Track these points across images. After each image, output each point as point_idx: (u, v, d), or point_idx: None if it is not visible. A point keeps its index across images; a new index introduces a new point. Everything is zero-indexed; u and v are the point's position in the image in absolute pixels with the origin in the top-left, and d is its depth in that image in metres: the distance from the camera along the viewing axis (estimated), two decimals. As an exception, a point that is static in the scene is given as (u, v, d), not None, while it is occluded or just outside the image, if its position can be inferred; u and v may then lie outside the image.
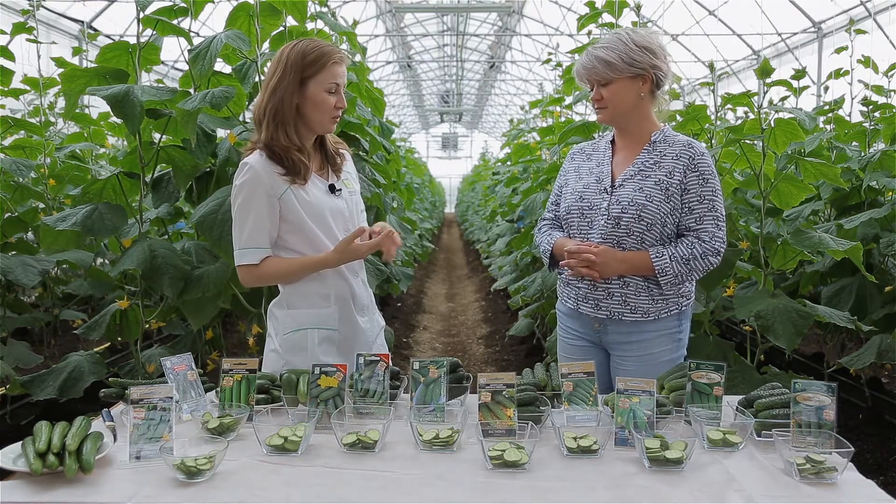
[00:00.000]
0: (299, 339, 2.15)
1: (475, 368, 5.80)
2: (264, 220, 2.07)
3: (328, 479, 1.48)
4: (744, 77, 12.61)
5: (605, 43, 2.18)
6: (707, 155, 2.19)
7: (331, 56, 2.05)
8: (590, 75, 2.19)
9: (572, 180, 2.34)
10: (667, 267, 2.13)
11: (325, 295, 2.16)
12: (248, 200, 2.07)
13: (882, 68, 4.64)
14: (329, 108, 2.09)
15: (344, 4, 13.57)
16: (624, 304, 2.20)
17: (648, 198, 2.15)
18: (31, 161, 3.81)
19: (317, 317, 2.16)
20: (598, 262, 2.13)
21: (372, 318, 2.31)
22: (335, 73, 2.07)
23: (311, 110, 2.08)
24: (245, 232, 2.08)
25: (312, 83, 2.05)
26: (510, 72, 24.35)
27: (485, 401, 1.70)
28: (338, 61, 2.07)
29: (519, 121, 8.35)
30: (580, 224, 2.25)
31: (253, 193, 2.06)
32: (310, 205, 2.10)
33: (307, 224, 2.10)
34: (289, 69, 2.04)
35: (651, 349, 2.22)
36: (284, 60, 2.05)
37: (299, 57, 2.04)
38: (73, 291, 4.06)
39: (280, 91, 2.04)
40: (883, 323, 3.47)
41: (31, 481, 1.45)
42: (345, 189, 2.23)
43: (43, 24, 6.25)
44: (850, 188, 3.87)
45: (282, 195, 2.07)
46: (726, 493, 1.42)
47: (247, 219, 2.07)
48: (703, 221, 2.16)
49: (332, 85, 2.07)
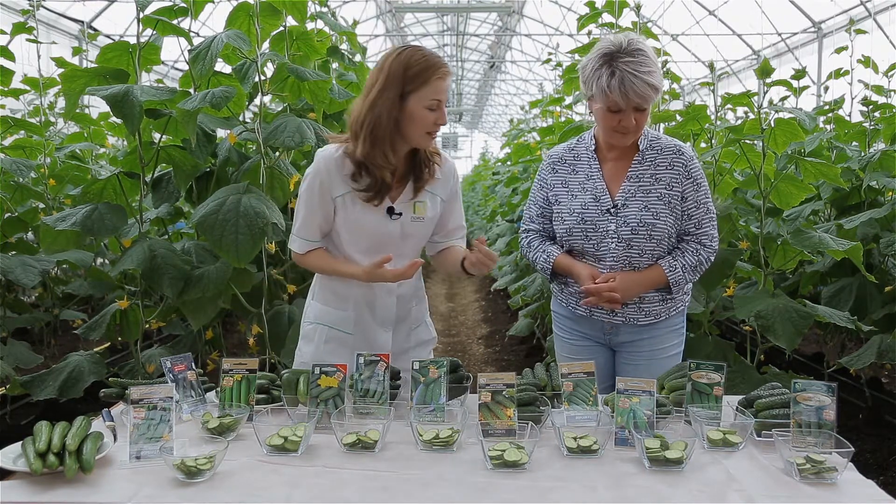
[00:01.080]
0: (310, 331, 2.18)
1: (475, 368, 5.80)
2: (316, 214, 2.05)
3: (328, 479, 1.48)
4: (744, 77, 12.60)
5: (647, 64, 2.03)
6: (694, 157, 2.22)
7: (435, 70, 1.91)
8: (645, 103, 2.06)
9: (564, 197, 2.26)
10: (680, 279, 2.19)
11: (344, 297, 2.14)
12: (306, 192, 2.05)
13: (882, 68, 4.65)
14: (428, 125, 1.95)
15: (344, 4, 13.57)
16: (639, 310, 2.23)
17: (656, 216, 2.15)
18: (31, 161, 3.81)
19: (330, 315, 2.15)
20: (619, 293, 2.14)
21: (404, 331, 2.20)
22: (438, 90, 1.93)
23: (407, 124, 1.94)
24: (298, 221, 2.08)
25: (413, 98, 1.91)
26: (510, 72, 24.34)
27: (485, 401, 1.70)
28: (442, 76, 1.93)
29: (519, 121, 8.35)
30: (585, 246, 2.22)
31: (312, 187, 2.03)
32: (353, 219, 2.04)
33: (339, 233, 2.07)
34: (390, 82, 1.91)
35: (659, 346, 2.26)
36: (386, 71, 1.92)
37: (402, 69, 1.90)
38: (73, 291, 4.06)
39: (379, 106, 1.92)
40: (883, 323, 3.47)
41: (31, 481, 1.45)
42: (408, 214, 2.07)
43: (43, 24, 6.25)
44: (850, 188, 3.87)
45: (336, 197, 2.02)
46: (726, 493, 1.42)
47: (300, 210, 2.07)
48: (702, 225, 2.21)
49: (433, 102, 1.93)
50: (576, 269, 2.21)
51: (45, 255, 3.43)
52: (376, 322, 2.15)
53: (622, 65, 2.03)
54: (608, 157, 2.24)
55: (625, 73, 2.02)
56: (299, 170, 3.29)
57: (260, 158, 2.93)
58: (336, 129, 3.39)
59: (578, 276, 2.20)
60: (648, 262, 2.18)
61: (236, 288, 2.94)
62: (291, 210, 3.20)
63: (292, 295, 3.23)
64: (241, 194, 2.70)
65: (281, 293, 3.27)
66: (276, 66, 3.06)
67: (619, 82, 2.03)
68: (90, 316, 4.12)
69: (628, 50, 2.04)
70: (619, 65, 2.03)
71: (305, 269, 3.60)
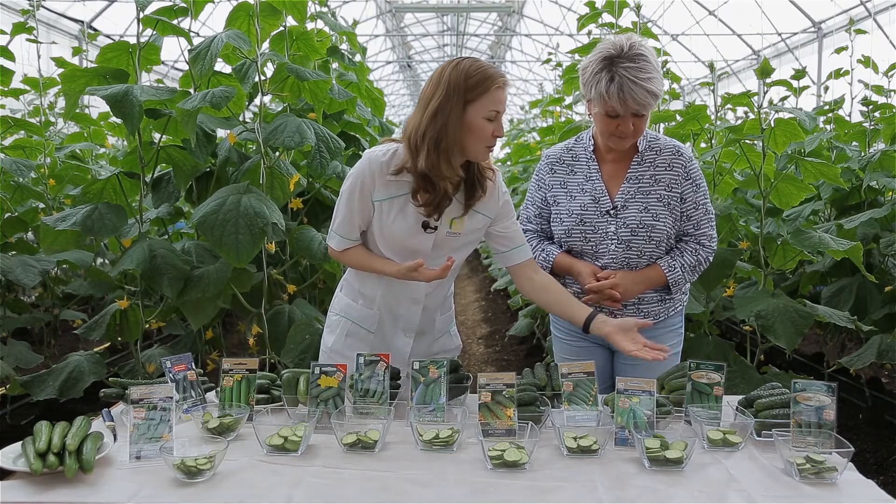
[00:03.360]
0: (334, 322, 2.20)
1: (475, 368, 5.79)
2: (355, 215, 2.02)
3: (328, 479, 1.48)
4: (744, 77, 12.61)
5: (647, 70, 2.00)
6: (693, 157, 2.21)
7: (495, 80, 1.89)
8: (643, 110, 2.04)
9: (562, 198, 2.25)
10: (679, 279, 2.19)
11: (371, 298, 2.13)
12: (347, 192, 2.01)
13: (882, 68, 4.64)
14: (487, 137, 1.91)
15: (344, 4, 13.56)
16: (638, 311, 2.23)
17: (656, 217, 2.15)
18: (31, 161, 3.81)
19: (355, 311, 2.16)
20: (620, 292, 2.14)
21: (427, 340, 2.19)
22: (497, 100, 1.90)
23: (466, 135, 1.90)
24: (337, 218, 2.06)
25: (472, 108, 1.88)
26: (510, 72, 24.29)
27: (485, 401, 1.70)
28: (501, 86, 1.90)
29: (519, 121, 8.35)
30: (584, 247, 2.22)
31: (354, 188, 1.99)
32: (386, 227, 2.00)
33: (371, 237, 2.06)
34: (451, 92, 1.87)
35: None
36: (446, 81, 1.89)
37: (462, 79, 1.88)
38: (73, 291, 4.06)
39: (443, 116, 1.88)
40: (883, 323, 3.47)
41: (31, 481, 1.45)
42: (444, 229, 2.02)
43: (43, 24, 6.26)
44: (850, 188, 3.88)
45: (376, 200, 1.99)
46: (726, 493, 1.42)
47: (340, 208, 2.05)
48: (700, 226, 2.21)
49: (492, 113, 1.90)
50: (576, 268, 2.21)
51: (45, 255, 3.43)
52: (399, 327, 2.15)
53: (622, 70, 1.99)
54: (607, 158, 2.23)
55: (624, 80, 1.98)
56: (299, 170, 3.29)
57: (260, 158, 2.93)
58: (336, 129, 3.39)
59: (579, 275, 2.20)
60: (647, 263, 2.19)
61: (236, 288, 2.94)
62: (292, 210, 3.21)
63: (292, 295, 3.23)
64: (241, 194, 2.70)
65: (281, 293, 3.27)
66: (276, 66, 3.06)
67: (617, 88, 1.99)
68: (90, 316, 4.12)
69: (629, 55, 2.01)
70: (618, 70, 2.00)
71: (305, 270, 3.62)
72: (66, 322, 5.05)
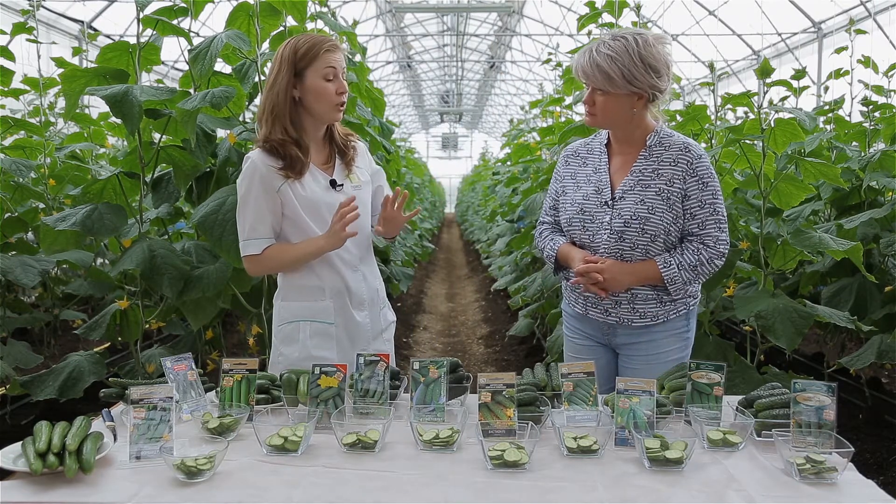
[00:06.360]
0: (291, 330, 2.20)
1: (475, 368, 5.80)
2: (264, 211, 2.12)
3: (328, 479, 1.48)
4: (744, 77, 12.61)
5: (612, 49, 2.05)
6: (705, 157, 2.16)
7: (322, 44, 2.09)
8: (588, 81, 2.12)
9: (570, 188, 2.28)
10: (675, 276, 2.14)
11: (319, 288, 2.19)
12: (248, 193, 2.12)
13: (882, 68, 4.64)
14: (330, 95, 2.10)
15: (344, 4, 13.57)
16: (633, 311, 2.21)
17: (650, 210, 2.13)
18: (31, 161, 3.81)
19: (310, 309, 2.19)
20: (606, 278, 2.13)
21: (375, 312, 2.30)
22: (329, 59, 2.09)
23: (313, 101, 2.11)
24: (247, 224, 2.14)
25: (310, 73, 2.08)
26: (510, 72, 24.35)
27: (485, 401, 1.70)
28: (330, 49, 2.10)
29: (519, 121, 8.35)
30: (582, 236, 2.23)
31: (252, 186, 2.11)
32: (305, 199, 2.13)
33: (302, 218, 2.14)
34: (283, 64, 2.09)
35: (659, 349, 2.23)
36: (279, 58, 2.11)
37: (292, 52, 2.09)
38: (73, 291, 4.06)
39: (276, 86, 2.09)
40: (883, 323, 3.47)
41: (31, 481, 1.45)
42: (348, 184, 2.22)
43: (43, 24, 6.26)
44: (850, 188, 3.87)
45: (279, 188, 2.11)
46: (726, 493, 1.42)
47: (247, 211, 2.13)
48: (706, 226, 2.16)
49: (328, 70, 2.09)
50: (571, 254, 2.23)
51: (45, 255, 3.43)
52: (353, 305, 2.22)
53: (599, 43, 2.09)
54: (618, 152, 2.25)
55: (590, 50, 2.09)
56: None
57: (260, 158, 2.92)
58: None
59: (572, 260, 2.22)
60: (641, 257, 2.16)
61: (236, 288, 2.94)
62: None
63: (292, 295, 3.22)
64: (241, 194, 2.69)
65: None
66: (276, 67, 3.06)
67: (580, 53, 2.12)
68: (90, 316, 4.13)
69: (618, 34, 2.09)
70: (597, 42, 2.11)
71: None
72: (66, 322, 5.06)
